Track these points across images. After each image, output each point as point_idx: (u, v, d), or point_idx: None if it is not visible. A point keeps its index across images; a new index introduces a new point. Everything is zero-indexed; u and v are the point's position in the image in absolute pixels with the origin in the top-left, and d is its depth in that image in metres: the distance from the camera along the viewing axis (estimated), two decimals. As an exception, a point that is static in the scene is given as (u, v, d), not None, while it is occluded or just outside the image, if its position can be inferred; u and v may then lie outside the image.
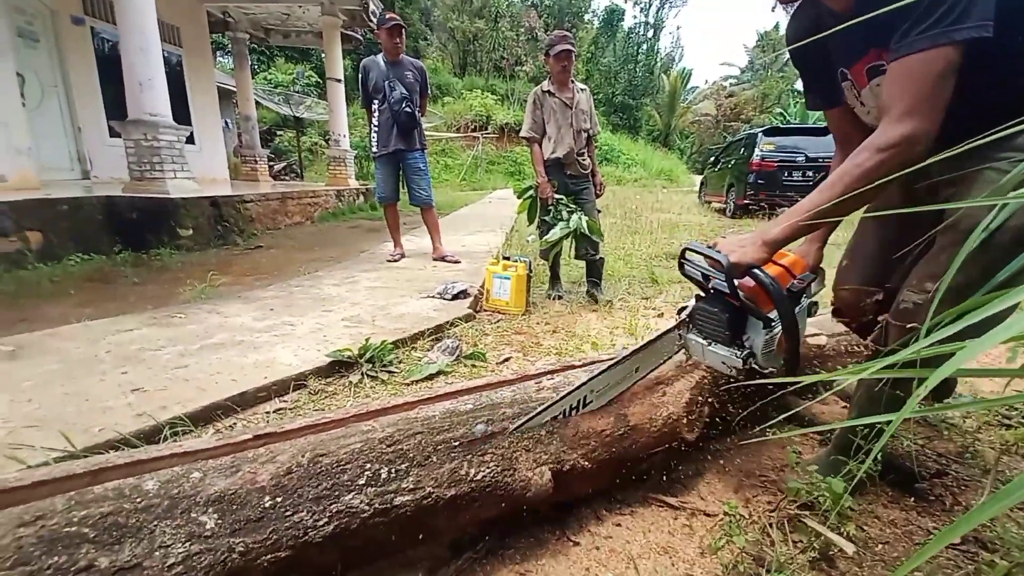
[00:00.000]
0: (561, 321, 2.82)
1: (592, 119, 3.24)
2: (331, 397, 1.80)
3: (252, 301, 2.76)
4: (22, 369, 1.79)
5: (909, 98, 0.87)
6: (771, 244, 1.03)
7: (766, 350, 1.10)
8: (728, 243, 1.06)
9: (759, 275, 1.01)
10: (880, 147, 0.89)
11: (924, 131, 0.86)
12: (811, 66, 1.20)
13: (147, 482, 0.76)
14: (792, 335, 1.07)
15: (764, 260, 1.03)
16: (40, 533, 0.68)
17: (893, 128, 0.88)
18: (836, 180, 0.94)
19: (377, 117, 3.84)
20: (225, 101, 10.27)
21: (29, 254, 3.76)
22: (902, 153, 0.88)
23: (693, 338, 1.18)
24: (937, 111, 0.86)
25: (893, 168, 0.86)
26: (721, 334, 1.12)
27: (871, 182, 0.90)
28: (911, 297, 1.02)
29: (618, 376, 1.17)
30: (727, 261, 1.01)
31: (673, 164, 22.10)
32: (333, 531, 0.83)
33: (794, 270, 1.19)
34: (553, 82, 3.14)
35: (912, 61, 0.86)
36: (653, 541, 1.17)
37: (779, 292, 1.02)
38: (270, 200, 5.96)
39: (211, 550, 0.73)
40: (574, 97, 3.13)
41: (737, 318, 1.10)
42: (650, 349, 1.18)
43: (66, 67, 6.01)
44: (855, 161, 0.91)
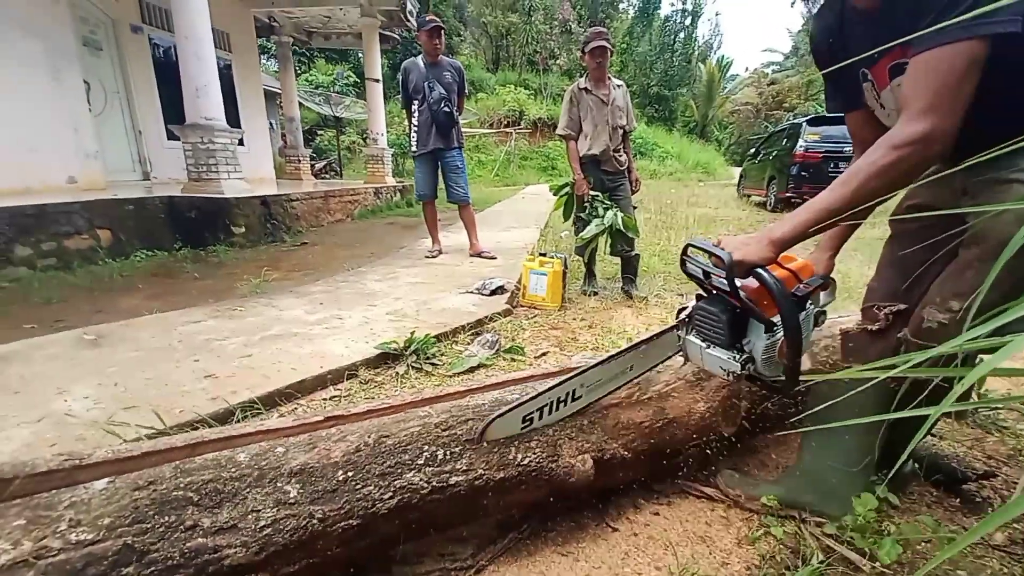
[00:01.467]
0: (597, 317, 2.86)
1: (628, 115, 3.25)
2: (380, 387, 1.92)
3: (303, 296, 2.93)
4: (105, 356, 1.99)
5: (929, 94, 0.82)
6: (778, 243, 0.97)
7: (766, 356, 1.05)
8: (733, 240, 1.01)
9: (763, 275, 0.96)
10: (896, 144, 0.85)
11: (943, 129, 0.82)
12: (835, 65, 1.15)
13: (239, 454, 0.87)
14: (794, 341, 1.01)
15: (769, 260, 0.98)
16: (152, 496, 0.80)
17: (910, 125, 0.84)
18: (849, 178, 0.90)
19: (417, 117, 3.96)
20: (269, 103, 10.71)
21: (100, 250, 4.09)
22: (919, 152, 0.84)
23: (692, 340, 1.14)
24: (957, 109, 0.82)
25: (909, 167, 0.85)
26: (720, 337, 1.07)
27: (885, 181, 0.86)
28: (935, 316, 0.98)
29: (610, 373, 1.14)
30: (729, 258, 0.96)
31: (710, 156, 21.48)
32: (396, 504, 0.92)
33: (801, 275, 1.14)
34: (589, 79, 3.16)
35: (933, 56, 0.81)
36: (690, 530, 1.22)
37: (783, 294, 0.97)
38: (314, 198, 6.21)
39: (295, 516, 0.83)
40: (610, 93, 3.14)
41: (738, 320, 1.06)
42: (645, 348, 1.16)
43: (127, 74, 6.42)
44: (869, 159, 0.87)
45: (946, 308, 0.96)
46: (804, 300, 1.10)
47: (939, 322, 0.97)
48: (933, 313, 0.98)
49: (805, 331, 1.11)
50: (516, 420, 1.05)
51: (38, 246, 3.76)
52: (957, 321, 0.92)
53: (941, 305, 0.97)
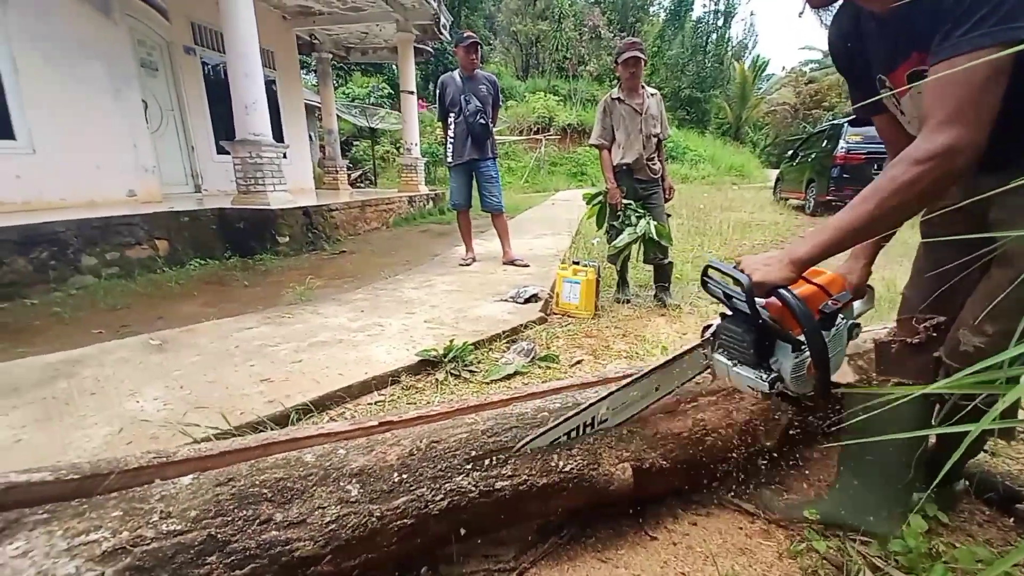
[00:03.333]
0: (630, 325, 2.87)
1: (662, 123, 3.26)
2: (420, 392, 1.99)
3: (345, 303, 3.06)
4: (170, 360, 2.14)
5: (951, 104, 0.78)
6: (798, 263, 0.95)
7: (795, 374, 1.03)
8: (752, 261, 0.99)
9: (785, 295, 0.94)
10: (917, 159, 0.81)
11: (968, 141, 0.78)
12: (855, 72, 1.11)
13: (306, 455, 0.95)
14: (821, 360, 0.98)
15: (790, 280, 0.96)
16: (232, 491, 0.88)
17: (932, 138, 0.80)
18: (869, 195, 0.86)
19: (453, 129, 4.07)
20: (308, 116, 11.16)
21: (159, 260, 4.37)
22: (941, 166, 0.80)
23: (718, 358, 1.13)
24: (983, 119, 0.78)
25: (931, 183, 0.81)
26: (746, 356, 1.06)
27: (907, 198, 0.83)
28: (971, 340, 0.95)
29: (637, 394, 1.14)
30: (748, 281, 0.95)
31: (745, 159, 20.96)
32: (447, 506, 0.97)
33: (831, 289, 1.11)
34: (623, 89, 3.19)
35: (952, 65, 0.78)
36: (730, 542, 1.23)
37: (806, 314, 0.95)
38: (352, 208, 6.44)
39: (356, 513, 0.90)
40: (644, 103, 3.16)
41: (763, 340, 1.04)
42: (672, 367, 1.16)
43: (180, 92, 6.83)
44: (890, 174, 0.84)
45: (981, 331, 0.93)
46: (833, 316, 1.07)
47: (975, 346, 0.94)
48: (968, 337, 0.96)
49: (837, 347, 1.09)
50: (545, 444, 1.09)
51: (103, 256, 4.05)
52: (993, 345, 0.90)
53: (976, 329, 0.94)
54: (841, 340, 1.12)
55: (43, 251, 3.68)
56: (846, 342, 1.15)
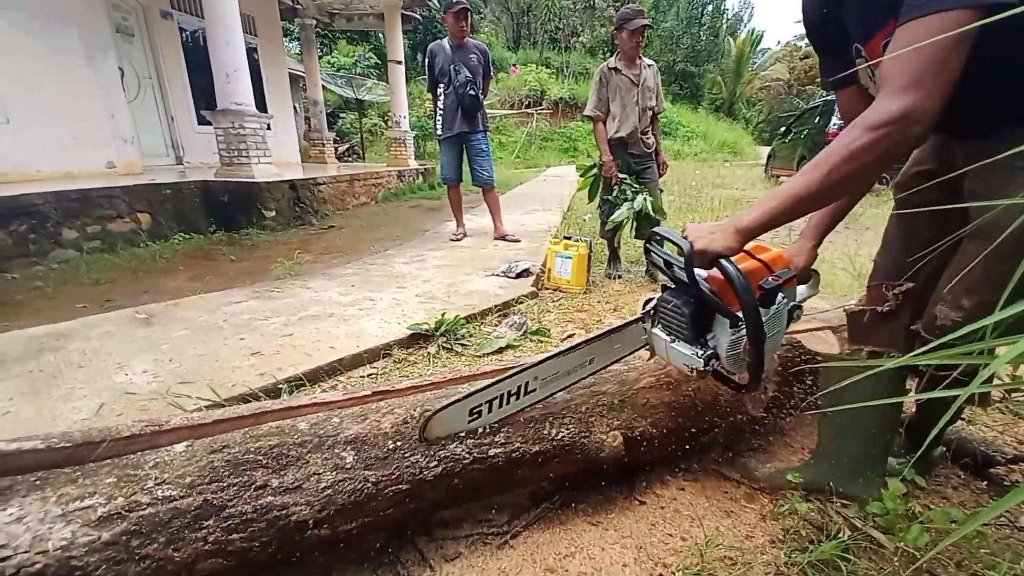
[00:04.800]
0: (622, 300, 2.89)
1: (658, 96, 3.21)
2: (412, 365, 2.00)
3: (335, 278, 3.03)
4: (158, 334, 2.12)
5: (911, 69, 0.75)
6: (744, 232, 0.91)
7: (731, 352, 0.99)
8: (697, 228, 0.95)
9: (725, 266, 0.91)
10: (871, 125, 0.78)
11: (924, 108, 0.75)
12: (828, 41, 1.07)
13: (300, 423, 0.95)
14: (756, 338, 0.95)
15: (734, 250, 0.92)
16: (226, 458, 0.89)
17: (888, 103, 0.77)
18: (821, 161, 0.83)
19: (443, 100, 3.97)
20: (292, 86, 10.81)
21: (142, 233, 4.27)
22: (896, 133, 0.77)
23: (657, 333, 1.09)
24: (943, 86, 0.74)
25: (885, 150, 0.78)
26: (684, 331, 1.02)
27: (859, 165, 0.80)
28: (948, 314, 0.95)
29: (568, 365, 1.09)
30: (689, 248, 0.91)
31: (737, 135, 20.88)
32: (441, 472, 0.99)
33: (773, 266, 1.05)
34: (621, 58, 3.12)
35: (918, 26, 0.74)
36: (716, 505, 1.27)
37: (745, 287, 0.91)
38: (340, 182, 6.32)
39: (351, 479, 0.91)
40: (641, 74, 3.10)
41: (701, 314, 1.00)
42: (607, 340, 1.12)
43: (159, 60, 6.56)
44: (842, 141, 0.81)
45: (958, 306, 0.93)
46: (773, 293, 1.02)
47: (953, 320, 0.93)
48: (945, 311, 0.95)
49: (776, 327, 1.06)
50: (463, 414, 1.02)
51: (84, 229, 3.95)
52: (970, 318, 0.89)
53: (953, 303, 0.94)
54: (780, 320, 1.08)
55: (22, 224, 3.58)
56: (785, 324, 1.11)
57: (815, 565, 1.02)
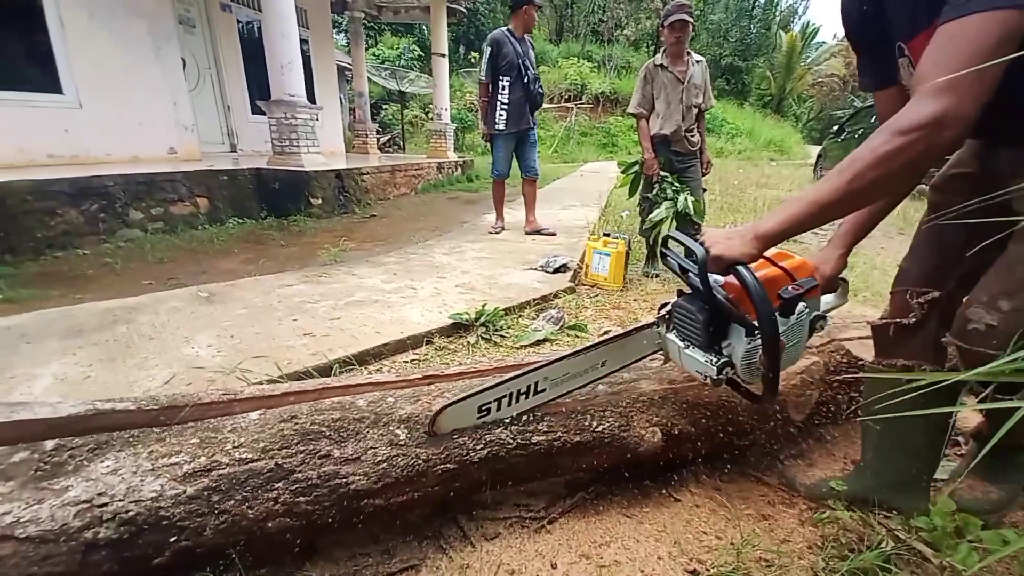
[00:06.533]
0: (659, 299, 2.87)
1: (706, 93, 3.15)
2: (452, 354, 2.07)
3: (378, 265, 3.14)
4: (219, 312, 2.27)
5: (947, 71, 0.70)
6: (763, 239, 0.88)
7: (746, 361, 0.97)
8: (714, 234, 0.92)
9: (742, 273, 0.88)
10: (900, 129, 0.74)
11: (959, 113, 0.70)
12: (868, 39, 1.02)
13: (359, 400, 1.02)
14: (771, 348, 0.92)
15: (752, 256, 0.89)
16: (295, 428, 0.96)
17: (920, 106, 0.72)
18: (846, 166, 0.79)
19: (508, 95, 3.85)
20: (339, 77, 11.12)
21: (200, 217, 4.53)
22: (926, 139, 0.72)
23: (671, 338, 1.07)
24: (981, 90, 0.70)
25: (914, 156, 0.74)
26: (698, 337, 1.00)
27: (885, 172, 0.76)
28: (983, 317, 0.87)
29: (579, 367, 1.09)
30: (703, 254, 0.89)
31: (785, 134, 20.04)
32: (486, 455, 1.04)
33: (796, 274, 1.02)
34: (667, 54, 3.08)
35: (958, 26, 0.70)
36: (752, 508, 1.27)
37: (761, 295, 0.88)
38: (382, 172, 6.49)
39: (404, 455, 0.98)
40: (687, 71, 3.05)
41: (717, 321, 0.98)
42: (620, 343, 1.11)
43: (217, 50, 6.87)
44: (870, 145, 0.77)
45: (995, 308, 0.86)
46: (793, 303, 0.98)
47: (987, 324, 0.86)
48: (980, 314, 0.88)
49: (795, 337, 1.02)
50: (471, 409, 1.02)
51: (148, 211, 4.22)
52: (1007, 322, 0.84)
53: (989, 305, 0.87)
54: (801, 331, 1.04)
55: (93, 204, 3.86)
56: (807, 334, 1.07)
57: (855, 573, 1.02)
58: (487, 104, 3.97)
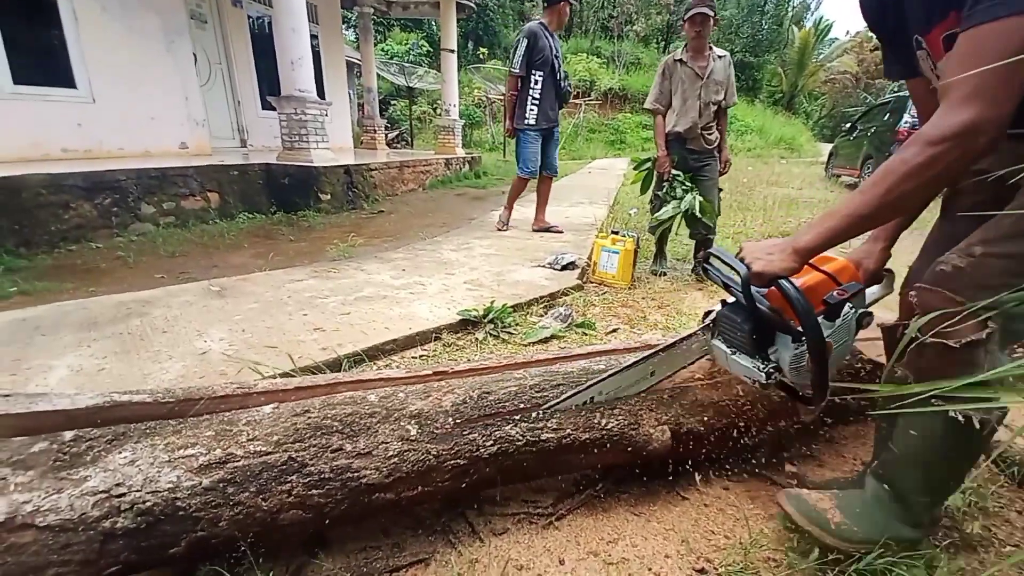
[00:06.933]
0: (667, 297, 2.87)
1: (728, 89, 3.07)
2: (461, 350, 2.08)
3: (386, 262, 3.16)
4: (231, 306, 2.29)
5: (975, 78, 0.69)
6: (802, 252, 0.90)
7: (795, 366, 0.99)
8: (754, 249, 0.95)
9: (785, 286, 0.90)
10: (932, 139, 0.74)
11: (990, 120, 0.70)
12: (889, 30, 1.01)
13: (370, 395, 1.03)
14: (818, 355, 0.94)
15: (792, 270, 0.91)
16: (307, 422, 0.97)
17: (951, 115, 0.72)
18: (880, 178, 0.80)
19: (540, 90, 3.77)
20: (347, 73, 11.13)
21: (211, 211, 4.56)
22: (958, 147, 0.72)
23: (717, 345, 1.11)
24: (1010, 96, 0.70)
25: (946, 166, 0.74)
26: (744, 345, 1.03)
27: (920, 182, 0.76)
28: (952, 260, 0.85)
29: (630, 380, 1.14)
30: (745, 273, 0.92)
31: (796, 131, 19.81)
32: (496, 451, 1.05)
33: (840, 277, 1.04)
34: (687, 49, 3.02)
35: (984, 32, 0.70)
36: (761, 508, 1.27)
37: (805, 308, 0.90)
38: (390, 168, 6.50)
39: (415, 450, 0.98)
40: (708, 66, 2.98)
41: (762, 329, 1.01)
42: (669, 353, 1.14)
43: (228, 46, 6.90)
44: (902, 156, 0.77)
45: (968, 253, 0.84)
46: (839, 307, 1.01)
47: (955, 265, 0.85)
48: (952, 257, 0.86)
49: (843, 338, 1.04)
50: None
51: (160, 205, 4.26)
52: (975, 266, 0.83)
53: (963, 250, 0.86)
54: (848, 331, 1.07)
55: (106, 198, 3.90)
56: (854, 332, 1.10)
57: (862, 574, 1.02)
58: (515, 98, 3.85)
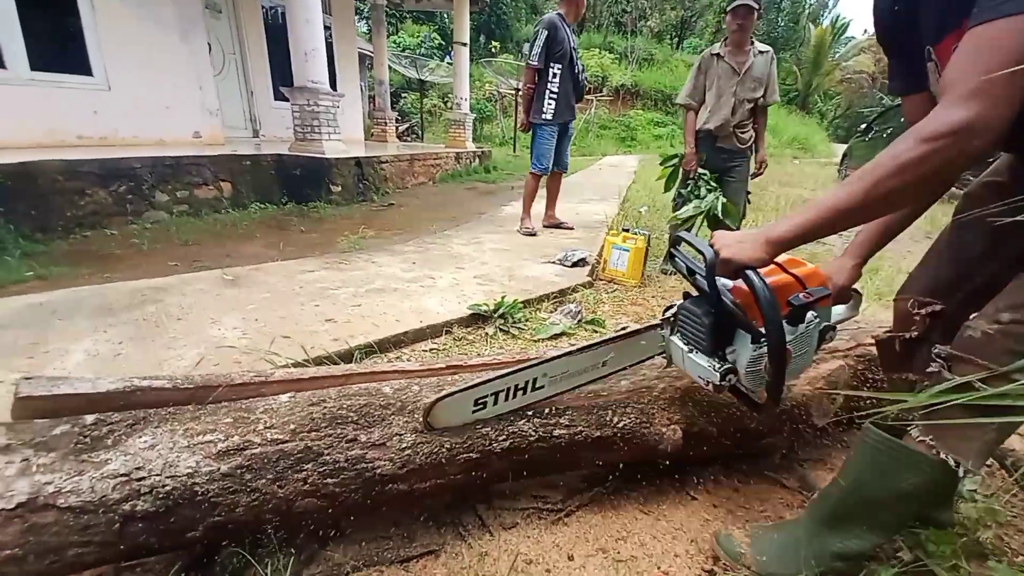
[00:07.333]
0: (676, 297, 2.84)
1: (769, 87, 2.94)
2: (471, 345, 2.08)
3: (397, 254, 3.17)
4: (244, 295, 2.31)
5: (975, 76, 0.67)
6: (775, 243, 0.85)
7: (751, 368, 0.94)
8: (725, 237, 0.90)
9: (751, 277, 0.85)
10: (924, 136, 0.70)
11: (987, 121, 0.67)
12: (899, 42, 0.98)
13: (385, 387, 1.04)
14: (777, 357, 0.89)
15: (763, 261, 0.86)
16: (323, 411, 0.98)
17: (947, 113, 0.69)
18: (866, 172, 0.76)
19: (559, 84, 3.69)
20: (359, 65, 11.12)
21: (224, 201, 4.60)
22: (952, 147, 0.69)
23: (675, 341, 1.05)
24: (1011, 97, 0.66)
25: (938, 165, 0.71)
26: (702, 341, 0.98)
27: (907, 180, 0.73)
28: (981, 326, 0.83)
29: (579, 365, 1.08)
30: (712, 256, 0.87)
31: (810, 131, 19.58)
32: (508, 446, 1.05)
33: (808, 282, 0.98)
34: (727, 43, 2.91)
35: (991, 29, 0.67)
36: (769, 510, 1.27)
37: (769, 301, 0.85)
38: (401, 161, 6.50)
39: (428, 443, 0.99)
40: (747, 61, 2.87)
41: (722, 326, 0.95)
42: (622, 344, 1.09)
43: (242, 36, 6.92)
44: (892, 151, 0.74)
45: (995, 320, 0.82)
46: (802, 311, 0.95)
47: (984, 332, 0.82)
48: (979, 323, 0.84)
49: (803, 348, 0.99)
50: (467, 403, 1.01)
51: (174, 193, 4.30)
52: (1003, 332, 0.80)
53: (990, 316, 0.83)
54: (809, 341, 1.01)
55: (121, 185, 3.94)
56: (815, 345, 1.04)
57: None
58: (531, 91, 3.77)
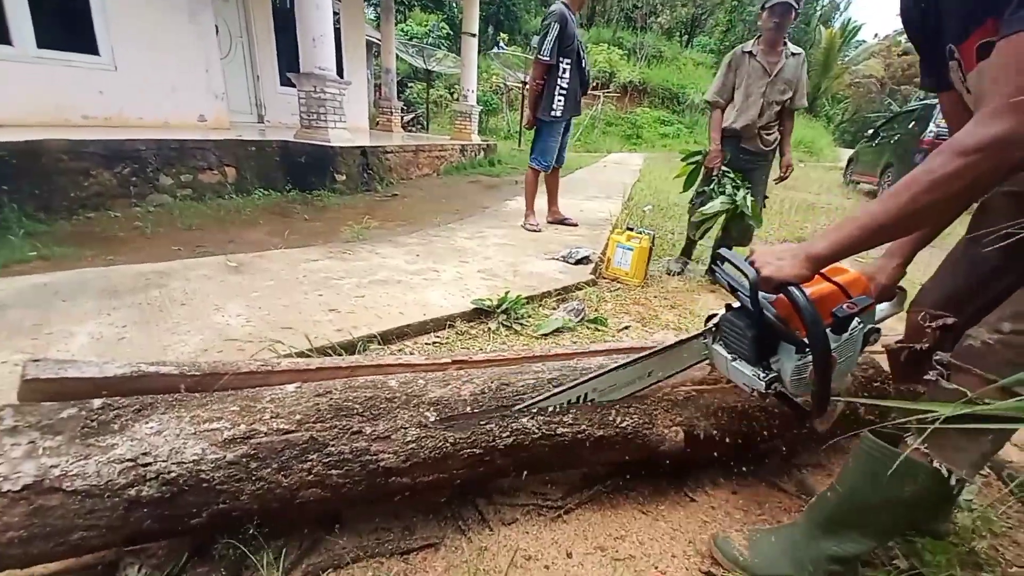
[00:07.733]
0: (679, 297, 2.85)
1: (799, 90, 2.86)
2: (473, 339, 2.09)
3: (401, 246, 3.16)
4: (247, 282, 2.31)
5: (1011, 88, 0.66)
6: (815, 260, 0.87)
7: (796, 377, 0.97)
8: (765, 254, 0.91)
9: (794, 294, 0.87)
10: (962, 150, 0.71)
11: (1023, 134, 0.67)
12: (926, 39, 0.97)
13: (391, 380, 1.05)
14: (822, 368, 0.92)
15: (804, 278, 0.88)
16: (329, 403, 0.99)
17: (984, 126, 0.69)
18: (903, 188, 0.77)
19: (568, 81, 3.61)
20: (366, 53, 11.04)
21: (228, 186, 4.58)
22: (989, 159, 0.69)
23: (718, 350, 1.08)
24: None
25: (975, 179, 0.71)
26: (746, 352, 1.01)
27: (945, 194, 0.73)
28: (982, 335, 0.84)
29: (627, 378, 1.13)
30: (754, 277, 0.89)
31: (816, 134, 19.50)
32: (511, 442, 1.06)
33: (851, 290, 1.01)
34: (760, 41, 2.84)
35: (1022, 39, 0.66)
36: (767, 513, 1.28)
37: (813, 318, 0.87)
38: (406, 152, 6.48)
39: (432, 437, 1.00)
40: (779, 62, 2.81)
41: (765, 338, 0.98)
42: (668, 355, 1.12)
43: (250, 19, 6.86)
44: (928, 165, 0.74)
45: (996, 329, 0.82)
46: (847, 321, 0.98)
47: (984, 342, 0.82)
48: (980, 332, 0.84)
49: (848, 352, 1.02)
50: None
51: (178, 177, 4.28)
52: (1004, 343, 0.81)
53: (991, 325, 0.84)
54: (854, 346, 1.04)
55: (126, 167, 3.92)
56: (860, 348, 1.07)
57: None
58: (539, 87, 3.65)
